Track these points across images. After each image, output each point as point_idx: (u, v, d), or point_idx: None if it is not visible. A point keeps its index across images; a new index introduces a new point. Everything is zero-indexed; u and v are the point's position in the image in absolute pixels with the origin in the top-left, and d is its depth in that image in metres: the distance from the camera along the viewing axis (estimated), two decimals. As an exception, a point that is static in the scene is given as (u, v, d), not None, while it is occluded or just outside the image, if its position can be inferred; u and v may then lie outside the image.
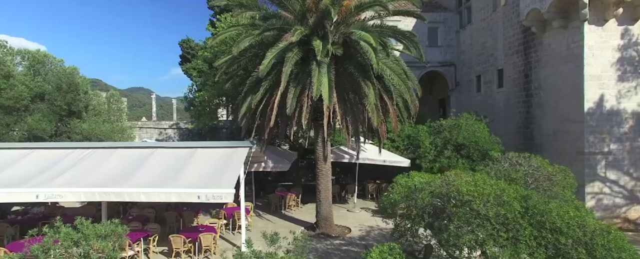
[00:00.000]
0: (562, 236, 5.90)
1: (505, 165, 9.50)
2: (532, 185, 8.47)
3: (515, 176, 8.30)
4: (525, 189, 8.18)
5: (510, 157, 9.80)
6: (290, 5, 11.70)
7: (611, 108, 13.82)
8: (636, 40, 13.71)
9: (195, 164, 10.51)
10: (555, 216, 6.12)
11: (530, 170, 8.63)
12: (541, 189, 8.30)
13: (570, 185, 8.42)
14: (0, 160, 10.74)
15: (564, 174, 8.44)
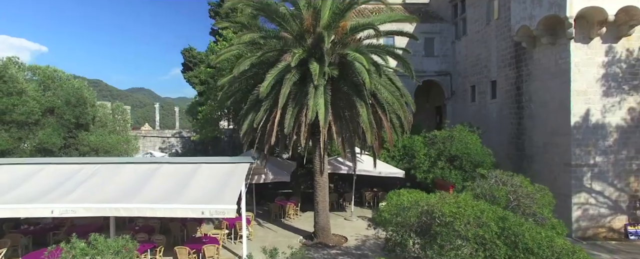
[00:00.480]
0: (532, 256, 6.54)
1: (491, 181, 10.13)
2: (514, 203, 9.09)
3: (498, 195, 8.92)
4: (506, 207, 8.86)
5: (497, 174, 10.45)
6: (289, 26, 12.35)
7: (596, 122, 14.43)
8: (619, 58, 14.32)
9: (199, 180, 11.16)
10: (527, 236, 6.76)
11: (513, 188, 9.25)
12: (522, 206, 8.93)
13: (549, 203, 9.04)
14: (15, 175, 11.41)
15: (542, 192, 9.07)
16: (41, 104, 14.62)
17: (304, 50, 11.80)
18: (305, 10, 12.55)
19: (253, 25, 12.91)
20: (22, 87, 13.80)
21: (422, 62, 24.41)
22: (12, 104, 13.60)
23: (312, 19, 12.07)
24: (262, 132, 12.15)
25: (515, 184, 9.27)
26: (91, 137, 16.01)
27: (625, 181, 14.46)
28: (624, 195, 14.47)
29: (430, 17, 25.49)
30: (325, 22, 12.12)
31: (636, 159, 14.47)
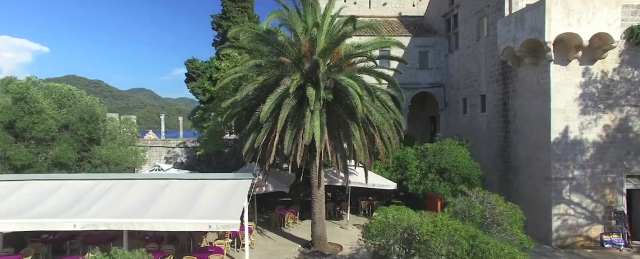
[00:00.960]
0: None
1: (472, 198, 11.26)
2: (488, 219, 10.20)
3: (474, 213, 10.03)
4: (482, 224, 9.98)
5: (477, 191, 11.59)
6: (288, 52, 13.47)
7: (575, 138, 15.52)
8: (595, 79, 15.42)
9: (206, 196, 12.28)
10: (492, 253, 7.88)
11: (489, 206, 10.36)
12: (495, 223, 10.05)
13: (519, 219, 10.15)
14: (39, 191, 12.55)
15: (513, 211, 10.18)
16: (57, 121, 15.76)
17: (302, 75, 12.93)
18: (303, 36, 13.69)
19: (255, 49, 14.03)
20: (41, 107, 14.94)
21: (417, 74, 25.53)
22: (33, 122, 14.75)
23: (309, 46, 13.20)
24: (263, 150, 13.26)
25: (490, 202, 10.37)
26: (103, 151, 17.15)
27: (601, 193, 15.55)
28: (599, 206, 15.56)
29: (424, 30, 26.57)
30: (321, 49, 13.26)
31: (611, 172, 15.57)
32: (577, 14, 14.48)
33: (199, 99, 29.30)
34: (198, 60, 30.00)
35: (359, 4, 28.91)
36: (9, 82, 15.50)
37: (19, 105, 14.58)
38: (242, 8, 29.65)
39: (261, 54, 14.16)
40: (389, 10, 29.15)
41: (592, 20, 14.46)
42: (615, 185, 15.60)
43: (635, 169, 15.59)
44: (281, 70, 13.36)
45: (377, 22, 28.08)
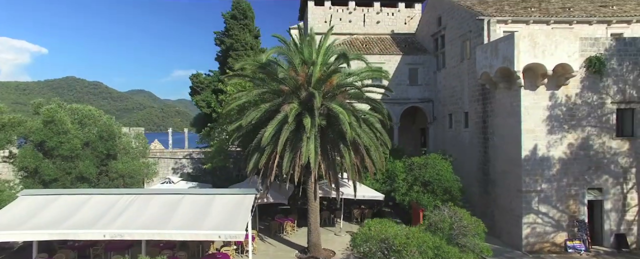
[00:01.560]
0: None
1: (444, 212, 13.23)
2: (456, 231, 12.17)
3: (443, 226, 12.01)
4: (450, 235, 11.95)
5: (449, 206, 13.58)
6: (287, 83, 15.44)
7: (543, 155, 17.50)
8: (560, 102, 17.39)
9: (215, 209, 14.27)
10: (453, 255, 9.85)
11: (456, 220, 12.33)
12: (461, 234, 12.01)
13: (481, 231, 12.12)
14: (70, 204, 14.52)
15: (477, 223, 12.14)
16: (80, 139, 17.71)
17: (299, 102, 14.90)
18: (301, 68, 15.67)
19: (258, 77, 15.99)
20: (67, 128, 16.88)
21: (407, 90, 27.55)
22: (60, 141, 16.68)
23: (306, 77, 15.18)
24: (265, 168, 15.23)
25: (458, 216, 12.35)
26: (119, 165, 19.12)
27: (566, 204, 17.54)
28: (564, 216, 17.55)
29: (415, 49, 28.56)
30: (316, 79, 15.24)
31: (574, 185, 17.55)
32: (542, 47, 16.48)
33: (203, 111, 31.30)
34: (202, 75, 32.02)
35: (353, 22, 30.92)
36: (39, 105, 17.45)
37: (48, 127, 16.53)
38: (244, 25, 31.68)
39: (263, 82, 16.13)
40: (382, 28, 31.16)
41: (554, 52, 16.46)
42: (578, 197, 17.59)
43: (595, 182, 17.59)
44: (282, 99, 15.29)
45: (371, 39, 30.15)
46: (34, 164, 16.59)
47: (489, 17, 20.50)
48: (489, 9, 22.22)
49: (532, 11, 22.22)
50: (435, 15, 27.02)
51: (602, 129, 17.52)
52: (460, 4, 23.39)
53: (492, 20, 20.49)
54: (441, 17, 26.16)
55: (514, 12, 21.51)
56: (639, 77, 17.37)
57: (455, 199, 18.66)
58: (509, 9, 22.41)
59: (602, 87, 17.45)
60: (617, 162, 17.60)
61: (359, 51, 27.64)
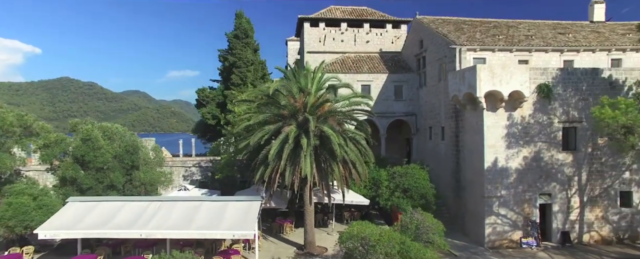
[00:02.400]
0: None
1: (414, 216, 16.61)
2: (421, 230, 15.55)
3: (411, 226, 15.40)
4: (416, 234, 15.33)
5: (418, 211, 16.97)
6: (287, 108, 18.79)
7: (502, 166, 20.95)
8: (516, 122, 20.85)
9: (229, 213, 17.57)
10: (413, 252, 13.23)
11: (421, 221, 15.73)
12: (425, 233, 15.40)
13: (441, 231, 15.51)
14: (109, 209, 17.77)
15: (437, 224, 15.53)
16: (110, 153, 20.96)
17: (297, 125, 18.24)
18: (298, 95, 19.02)
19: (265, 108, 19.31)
20: (100, 144, 20.11)
21: (393, 104, 31.01)
22: (95, 156, 19.91)
23: (302, 104, 18.54)
24: (269, 179, 18.55)
25: (422, 219, 15.75)
26: (141, 175, 22.37)
27: (521, 207, 21.02)
28: (520, 217, 21.02)
29: (400, 67, 32.00)
30: (311, 105, 18.60)
31: (528, 191, 21.04)
32: (499, 77, 19.93)
33: (208, 122, 34.57)
34: (207, 89, 35.27)
35: (345, 41, 34.30)
36: (76, 125, 20.67)
37: (86, 144, 19.74)
38: (245, 44, 34.97)
39: (266, 106, 19.47)
40: (372, 47, 34.59)
41: (510, 81, 19.92)
42: (531, 201, 21.09)
43: (545, 188, 21.09)
44: (281, 120, 18.64)
45: (361, 57, 33.59)
46: (74, 175, 19.82)
47: (460, 46, 23.99)
48: (462, 36, 25.74)
49: (499, 39, 25.76)
50: (418, 38, 30.49)
51: (551, 144, 21.03)
52: (438, 31, 26.87)
53: (463, 49, 23.99)
54: (423, 40, 29.63)
55: (483, 41, 25.01)
56: (580, 101, 20.89)
57: (430, 203, 22.13)
58: (480, 37, 25.94)
59: (550, 109, 20.95)
60: (563, 171, 21.13)
61: (350, 70, 31.15)
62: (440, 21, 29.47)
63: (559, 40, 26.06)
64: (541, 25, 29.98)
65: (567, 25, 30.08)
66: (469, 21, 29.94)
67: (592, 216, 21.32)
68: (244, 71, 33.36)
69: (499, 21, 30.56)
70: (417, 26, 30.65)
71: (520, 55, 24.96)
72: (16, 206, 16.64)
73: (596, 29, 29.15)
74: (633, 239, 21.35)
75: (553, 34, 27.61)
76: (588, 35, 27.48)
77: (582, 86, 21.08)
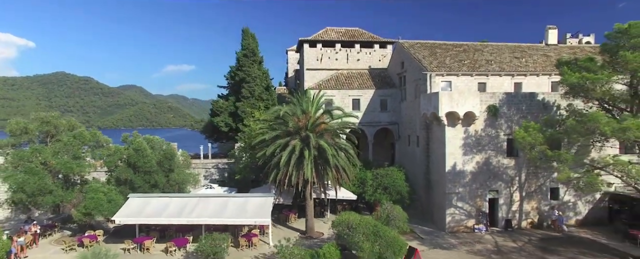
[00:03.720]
0: (381, 239, 19.24)
1: (387, 207, 22.86)
2: (390, 218, 21.80)
3: (383, 216, 21.63)
4: (387, 220, 21.60)
5: (390, 204, 23.22)
6: (292, 126, 24.91)
7: (459, 169, 27.18)
8: (471, 135, 27.02)
9: (249, 206, 23.80)
10: (382, 232, 19.47)
11: (390, 211, 21.98)
12: (393, 219, 21.65)
13: (405, 219, 21.76)
14: (160, 203, 23.91)
15: (402, 215, 21.77)
16: (155, 159, 27.05)
17: (300, 139, 24.37)
18: (301, 116, 25.12)
19: (275, 125, 25.38)
20: (148, 153, 26.19)
21: (379, 115, 37.18)
22: (144, 162, 26.00)
23: (305, 124, 24.66)
24: (280, 180, 24.71)
25: (391, 209, 22.00)
26: (176, 176, 28.52)
27: (474, 201, 27.32)
28: (473, 208, 27.32)
29: (385, 83, 38.09)
30: (311, 124, 24.72)
31: (480, 188, 27.30)
32: (456, 100, 26.08)
33: (222, 130, 40.62)
34: (220, 101, 41.28)
35: (339, 59, 40.34)
36: (127, 137, 26.73)
37: (137, 153, 25.83)
38: (253, 61, 40.94)
39: (277, 125, 25.58)
40: (362, 64, 40.65)
41: (464, 104, 26.07)
42: (482, 196, 27.38)
43: (493, 186, 27.37)
44: (288, 135, 24.77)
45: (353, 74, 39.67)
46: (128, 177, 25.92)
47: (430, 72, 30.13)
48: (433, 62, 31.88)
49: (464, 64, 31.93)
50: (400, 59, 36.59)
51: (498, 151, 27.28)
52: (414, 56, 32.97)
53: (433, 74, 30.14)
54: (404, 62, 35.73)
55: (449, 67, 31.17)
56: (520, 118, 27.06)
57: (404, 198, 28.42)
58: (448, 62, 32.09)
59: (497, 124, 27.16)
60: (507, 173, 27.42)
61: (343, 86, 37.27)
62: (418, 45, 35.54)
63: (512, 65, 32.27)
64: (503, 48, 36.15)
65: (525, 49, 36.27)
66: (443, 45, 36.07)
67: (528, 207, 27.69)
68: (252, 85, 39.40)
69: (468, 45, 36.74)
70: (399, 49, 36.74)
71: (480, 79, 31.17)
72: (95, 200, 22.75)
73: (547, 53, 35.37)
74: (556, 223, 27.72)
75: (510, 57, 33.81)
76: (538, 60, 33.69)
77: (522, 106, 27.30)
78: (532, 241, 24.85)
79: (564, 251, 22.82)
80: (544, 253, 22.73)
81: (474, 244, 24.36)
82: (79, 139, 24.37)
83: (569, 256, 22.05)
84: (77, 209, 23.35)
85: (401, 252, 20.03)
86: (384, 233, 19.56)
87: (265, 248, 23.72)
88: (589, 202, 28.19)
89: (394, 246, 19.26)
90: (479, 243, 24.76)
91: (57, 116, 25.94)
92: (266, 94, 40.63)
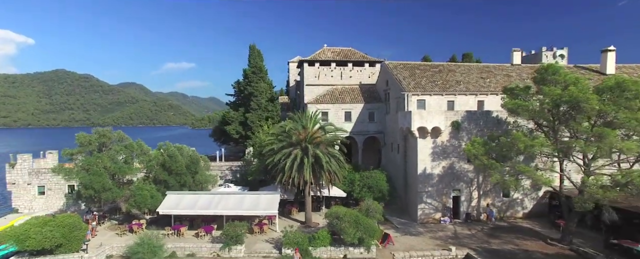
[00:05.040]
0: (361, 226, 26.18)
1: (369, 203, 29.83)
2: (370, 211, 28.75)
3: (365, 208, 28.60)
4: (366, 212, 28.63)
5: (370, 201, 30.21)
6: (294, 139, 31.85)
7: (429, 172, 34.12)
8: (438, 144, 33.93)
9: (261, 201, 30.81)
10: (362, 220, 26.44)
11: (370, 205, 28.94)
12: (372, 212, 28.62)
13: (381, 212, 28.69)
14: (191, 199, 30.88)
15: (378, 208, 28.70)
16: (183, 163, 33.95)
17: (301, 149, 31.31)
18: (301, 130, 32.05)
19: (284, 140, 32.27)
20: (179, 158, 33.04)
21: (367, 125, 44.12)
22: (176, 166, 32.89)
23: (304, 137, 31.60)
24: (285, 181, 31.64)
25: (371, 204, 28.98)
26: (199, 177, 35.48)
27: (441, 198, 34.30)
28: (440, 204, 34.30)
29: (373, 98, 45.02)
30: (309, 137, 31.66)
31: (446, 188, 34.27)
32: (426, 118, 32.99)
33: (233, 136, 47.59)
34: (232, 112, 48.21)
35: (334, 76, 47.25)
36: (162, 145, 33.63)
37: (171, 158, 32.70)
38: (260, 77, 47.87)
39: (283, 137, 32.52)
40: (354, 80, 47.55)
41: (432, 121, 32.98)
42: (447, 194, 34.35)
43: (456, 186, 34.34)
44: (291, 145, 31.72)
45: (346, 89, 46.59)
46: (163, 177, 32.84)
47: (407, 92, 37.05)
48: (411, 82, 38.80)
49: (436, 85, 38.87)
50: (385, 78, 43.49)
51: (460, 158, 34.21)
52: (396, 77, 39.86)
53: (410, 94, 37.06)
54: (388, 80, 42.63)
55: (424, 87, 38.11)
56: (478, 132, 33.96)
57: (385, 195, 35.41)
58: (424, 83, 39.02)
59: (459, 137, 34.08)
60: (467, 176, 34.37)
61: (337, 100, 44.20)
62: (401, 67, 42.44)
63: (477, 86, 39.20)
64: (472, 69, 43.07)
65: (491, 69, 43.18)
66: (422, 66, 43.01)
67: (485, 203, 34.68)
68: (259, 98, 46.34)
69: (444, 65, 43.68)
70: (385, 69, 43.64)
71: (449, 97, 38.11)
72: (142, 196, 29.69)
73: (510, 73, 42.28)
74: (507, 217, 34.73)
75: (477, 78, 40.72)
76: (500, 80, 40.60)
77: (480, 122, 34.22)
78: (483, 230, 31.85)
79: (504, 236, 29.83)
80: (490, 238, 29.73)
81: (437, 232, 31.35)
82: (129, 148, 31.33)
83: (506, 240, 29.06)
84: (129, 203, 30.31)
85: (376, 236, 27.07)
86: (363, 222, 26.54)
87: (273, 234, 30.68)
88: (533, 199, 35.23)
89: (370, 231, 26.29)
90: (442, 231, 31.76)
91: (110, 130, 32.79)
92: (271, 106, 47.57)
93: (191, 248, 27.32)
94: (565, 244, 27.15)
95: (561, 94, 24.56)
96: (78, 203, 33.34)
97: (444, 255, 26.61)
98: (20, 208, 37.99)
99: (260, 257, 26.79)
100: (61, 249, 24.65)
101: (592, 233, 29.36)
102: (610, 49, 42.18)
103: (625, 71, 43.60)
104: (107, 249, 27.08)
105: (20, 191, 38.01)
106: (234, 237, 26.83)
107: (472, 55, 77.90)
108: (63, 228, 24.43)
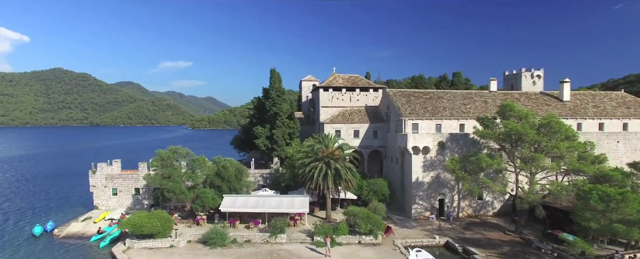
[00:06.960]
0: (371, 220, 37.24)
1: (375, 204, 40.95)
2: (377, 209, 39.85)
3: (373, 208, 39.70)
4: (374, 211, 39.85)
5: (376, 202, 41.37)
6: (318, 155, 42.90)
7: (420, 181, 45.26)
8: (428, 159, 45.07)
9: (294, 202, 41.91)
10: (371, 216, 37.52)
11: (375, 206, 40.05)
12: (378, 210, 39.73)
13: (384, 210, 39.76)
14: (243, 200, 41.89)
15: (381, 207, 39.77)
16: (232, 172, 44.89)
17: (324, 163, 42.37)
18: (324, 148, 43.10)
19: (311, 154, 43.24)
20: (230, 169, 43.92)
21: (372, 141, 55.31)
22: (227, 174, 43.74)
23: (327, 153, 42.66)
24: (312, 187, 42.67)
25: (376, 205, 40.11)
26: (243, 182, 46.50)
27: (429, 200, 45.51)
28: (429, 205, 45.53)
29: (377, 119, 56.17)
30: (330, 154, 42.72)
31: (433, 193, 45.48)
32: (418, 139, 44.13)
33: (261, 147, 58.61)
34: (259, 128, 59.16)
35: (344, 100, 58.35)
36: (215, 160, 44.52)
37: (223, 168, 43.53)
38: (283, 100, 58.90)
39: (310, 153, 43.55)
40: (361, 103, 58.68)
41: (423, 141, 44.14)
42: (435, 197, 45.57)
43: (442, 192, 45.56)
44: (316, 160, 42.79)
45: (354, 111, 57.76)
46: (218, 183, 43.72)
47: (404, 118, 48.21)
48: (408, 109, 50.01)
49: (427, 111, 50.09)
50: (387, 102, 54.66)
51: (444, 170, 45.38)
52: (395, 103, 51.02)
53: (406, 119, 48.22)
54: (389, 105, 53.77)
55: (417, 113, 49.32)
56: (459, 150, 45.09)
57: (386, 198, 46.60)
58: (418, 109, 50.24)
59: (444, 153, 45.25)
60: (449, 183, 45.58)
61: (347, 121, 55.39)
62: (399, 94, 53.61)
63: (459, 111, 50.44)
64: (457, 95, 54.34)
65: (473, 95, 54.46)
66: (417, 93, 54.23)
67: (464, 204, 45.92)
68: (283, 117, 57.36)
69: (434, 92, 54.96)
70: (386, 94, 54.79)
71: (437, 121, 49.30)
72: (206, 198, 40.58)
73: (487, 99, 53.57)
74: (481, 214, 45.94)
75: (460, 104, 51.96)
76: (478, 106, 51.86)
77: (460, 142, 45.42)
78: (461, 225, 43.10)
79: (475, 229, 41.11)
80: (464, 230, 40.99)
81: (426, 226, 42.56)
82: (196, 162, 42.25)
83: (476, 231, 40.30)
84: (195, 203, 41.20)
85: (381, 228, 38.21)
86: (372, 217, 37.68)
87: (303, 227, 41.71)
88: (501, 201, 46.51)
89: (378, 225, 37.43)
90: (430, 225, 42.97)
91: (181, 147, 43.72)
92: (292, 123, 58.57)
93: (246, 235, 38.31)
94: (516, 234, 38.42)
95: (512, 127, 35.78)
96: (141, 202, 44.09)
97: (431, 242, 37.77)
98: (99, 205, 48.83)
99: (298, 242, 37.83)
100: (159, 235, 35.54)
101: (538, 225, 40.68)
102: (566, 81, 53.71)
103: (578, 97, 55.21)
104: (186, 236, 38.04)
105: (99, 192, 48.83)
106: (279, 228, 37.80)
107: (461, 74, 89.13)
108: (161, 220, 35.35)
